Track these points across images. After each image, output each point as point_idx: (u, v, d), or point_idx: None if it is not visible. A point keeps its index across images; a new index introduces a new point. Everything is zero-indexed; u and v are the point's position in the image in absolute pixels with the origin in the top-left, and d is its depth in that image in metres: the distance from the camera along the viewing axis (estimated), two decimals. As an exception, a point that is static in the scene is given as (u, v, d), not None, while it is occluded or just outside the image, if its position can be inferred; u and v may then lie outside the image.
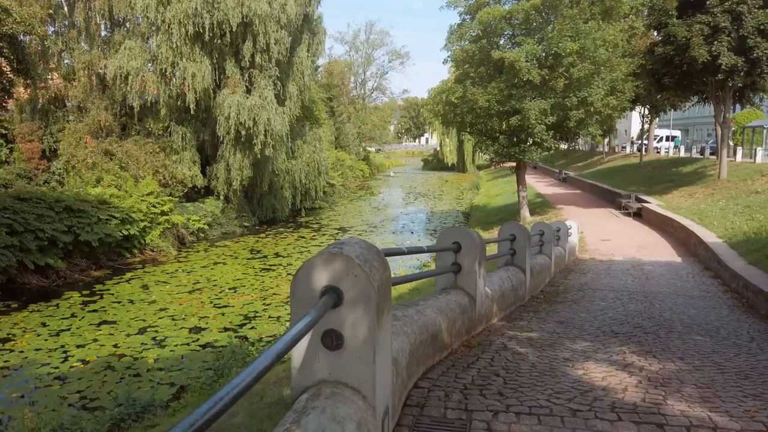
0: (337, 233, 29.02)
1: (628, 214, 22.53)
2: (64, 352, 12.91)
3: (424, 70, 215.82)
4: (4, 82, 14.10)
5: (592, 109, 20.36)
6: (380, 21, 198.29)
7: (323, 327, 2.55)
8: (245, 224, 29.33)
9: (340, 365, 2.56)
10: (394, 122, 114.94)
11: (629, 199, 23.55)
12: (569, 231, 13.39)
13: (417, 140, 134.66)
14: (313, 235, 28.19)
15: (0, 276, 16.51)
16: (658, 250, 15.47)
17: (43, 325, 14.72)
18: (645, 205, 21.95)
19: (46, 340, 13.65)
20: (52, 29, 26.29)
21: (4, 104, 15.63)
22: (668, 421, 3.14)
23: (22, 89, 19.16)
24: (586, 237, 17.33)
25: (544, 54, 19.93)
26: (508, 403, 3.31)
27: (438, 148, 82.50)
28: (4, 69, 13.92)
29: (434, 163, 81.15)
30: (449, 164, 74.02)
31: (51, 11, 24.66)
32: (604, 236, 17.83)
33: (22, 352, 12.90)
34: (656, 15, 23.06)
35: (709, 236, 14.04)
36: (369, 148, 71.02)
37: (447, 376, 3.74)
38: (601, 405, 3.36)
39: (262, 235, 28.02)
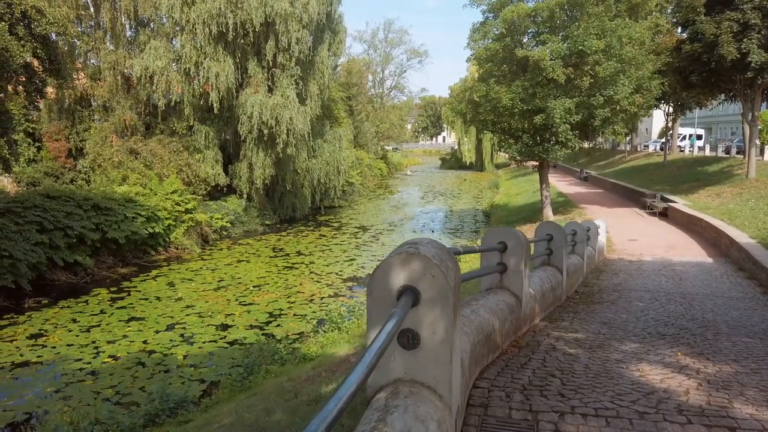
0: (358, 232, 29.07)
1: (654, 214, 22.23)
2: (96, 347, 13.12)
3: (440, 68, 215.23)
4: (37, 81, 14.33)
5: (618, 108, 20.12)
6: (398, 19, 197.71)
7: (399, 326, 2.55)
8: (266, 222, 29.53)
9: (416, 364, 2.56)
10: (411, 121, 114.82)
11: (654, 199, 23.24)
12: (597, 231, 13.26)
13: (434, 139, 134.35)
14: (334, 234, 28.27)
15: (30, 272, 16.79)
16: (687, 250, 15.25)
17: (74, 321, 14.98)
18: (671, 204, 21.64)
19: (77, 335, 13.88)
20: (79, 29, 26.67)
21: (36, 104, 15.86)
22: (740, 425, 3.09)
23: (50, 89, 19.46)
24: (612, 237, 17.14)
25: (568, 52, 19.72)
26: (571, 405, 3.28)
27: (456, 147, 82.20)
28: (37, 69, 14.14)
29: (452, 161, 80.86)
30: (467, 163, 73.69)
31: (78, 12, 25.04)
32: (631, 236, 17.61)
33: (54, 347, 13.13)
34: (683, 12, 22.69)
35: (741, 237, 13.80)
36: (386, 147, 71.02)
37: (503, 377, 3.73)
38: (667, 407, 3.32)
39: (283, 233, 28.17)
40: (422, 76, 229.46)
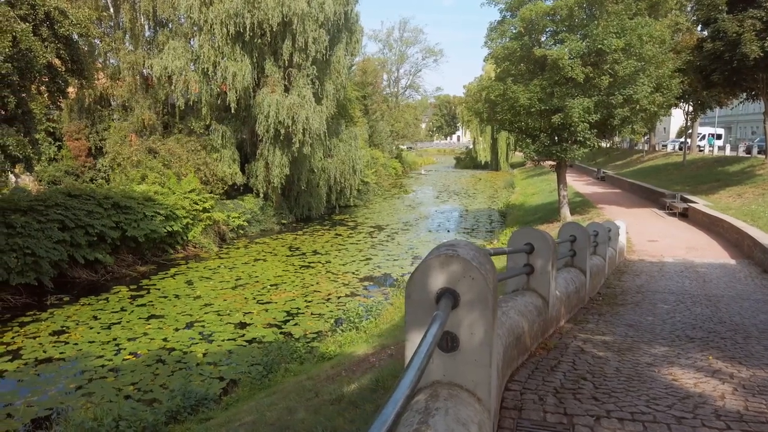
0: (373, 231, 29.10)
1: (673, 214, 21.95)
2: (117, 345, 13.27)
3: (455, 67, 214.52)
4: (60, 82, 14.53)
5: (637, 107, 19.90)
6: (413, 18, 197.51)
7: (438, 329, 2.54)
8: (283, 222, 29.67)
9: (454, 367, 2.55)
10: (425, 120, 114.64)
11: (674, 199, 22.95)
12: (618, 231, 13.13)
13: (448, 138, 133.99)
14: (350, 233, 28.32)
15: (52, 270, 17.05)
16: (708, 251, 15.03)
17: (95, 318, 15.17)
18: (691, 205, 21.35)
19: (98, 333, 14.06)
20: (99, 30, 27.00)
21: (58, 103, 16.09)
22: (781, 432, 3.04)
23: (71, 89, 19.71)
24: (631, 237, 16.96)
25: (587, 51, 19.54)
26: (606, 408, 3.25)
27: (471, 146, 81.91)
28: (59, 69, 14.33)
29: (467, 161, 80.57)
30: (482, 162, 73.38)
31: (99, 13, 25.34)
32: (651, 237, 17.41)
33: (76, 344, 13.31)
34: (705, 10, 22.38)
35: (764, 238, 13.57)
36: (401, 146, 70.99)
37: (534, 379, 3.70)
38: (704, 412, 3.28)
39: (299, 232, 28.28)
40: (437, 75, 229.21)
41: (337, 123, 33.41)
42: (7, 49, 12.11)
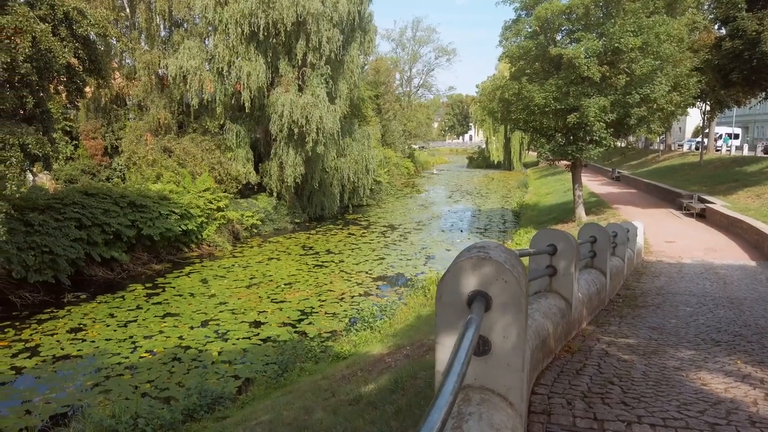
0: (386, 231, 29.08)
1: (691, 215, 21.69)
2: (133, 342, 13.37)
3: (468, 66, 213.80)
4: (78, 81, 14.65)
5: (654, 106, 19.68)
6: (426, 18, 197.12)
7: (469, 332, 2.50)
8: (296, 221, 29.74)
9: (486, 371, 2.51)
10: (438, 119, 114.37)
11: (691, 200, 22.67)
12: (636, 232, 12.98)
13: (461, 137, 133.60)
14: (363, 233, 28.31)
15: (69, 268, 17.21)
16: (728, 252, 14.82)
17: (111, 316, 15.30)
18: (709, 205, 21.07)
19: (114, 330, 14.18)
20: (116, 30, 27.25)
21: (76, 103, 16.23)
22: (818, 440, 2.97)
23: (88, 88, 19.88)
24: (648, 238, 16.76)
25: (603, 49, 19.34)
26: (637, 414, 3.19)
27: (483, 146, 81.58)
28: (77, 69, 14.45)
29: (479, 160, 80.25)
30: (495, 162, 73.05)
31: (117, 13, 25.57)
32: (668, 237, 17.21)
33: (93, 341, 13.43)
34: (723, 8, 22.07)
35: (786, 240, 13.36)
36: (413, 146, 70.87)
37: (560, 383, 3.65)
38: (738, 419, 3.20)
39: (312, 231, 28.33)
40: (450, 74, 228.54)
41: (351, 122, 33.41)
42: (26, 50, 12.23)
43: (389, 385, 6.18)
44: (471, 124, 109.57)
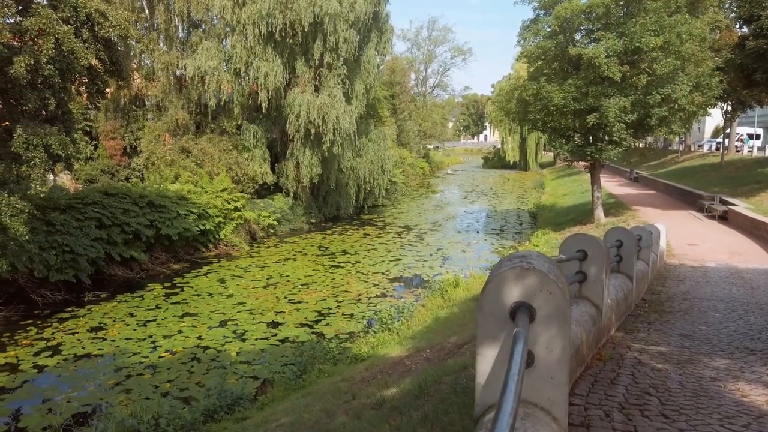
0: (402, 231, 29.02)
1: (712, 217, 21.34)
2: (153, 342, 13.47)
3: (483, 66, 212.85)
4: (99, 83, 14.79)
5: (676, 107, 19.39)
6: (442, 17, 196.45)
7: (511, 344, 2.44)
8: (312, 221, 29.80)
9: (529, 384, 2.44)
10: (452, 119, 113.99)
11: (713, 201, 22.30)
12: (659, 235, 12.78)
13: (476, 137, 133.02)
14: (379, 233, 28.28)
15: (90, 267, 17.39)
16: (753, 256, 14.54)
17: (131, 315, 15.42)
18: (731, 207, 20.71)
19: (134, 330, 14.29)
20: (137, 31, 27.52)
21: (97, 104, 16.39)
22: None
23: (108, 89, 20.08)
24: (670, 240, 16.50)
25: (624, 49, 19.10)
26: (679, 427, 3.10)
27: (499, 146, 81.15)
28: (99, 70, 14.57)
29: (495, 160, 79.83)
30: (511, 162, 72.60)
31: (138, 15, 25.82)
32: (690, 240, 16.93)
33: (113, 340, 13.55)
34: (747, 7, 21.67)
35: (813, 243, 13.07)
36: (428, 146, 70.70)
37: (596, 393, 3.57)
38: (784, 434, 3.11)
39: (328, 231, 28.35)
40: (465, 74, 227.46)
41: (367, 123, 33.40)
42: (49, 51, 12.36)
43: (413, 390, 6.12)
44: (486, 124, 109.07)
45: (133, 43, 23.22)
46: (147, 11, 27.63)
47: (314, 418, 7.56)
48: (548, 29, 21.01)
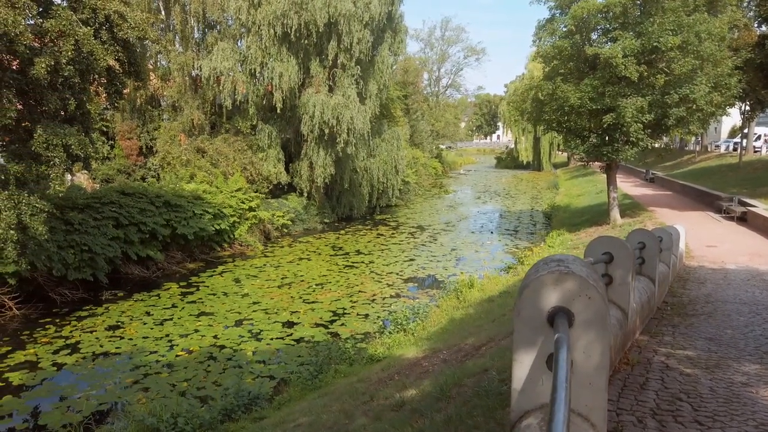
0: (415, 231, 28.98)
1: (731, 218, 21.06)
2: (169, 341, 13.55)
3: (495, 65, 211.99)
4: (117, 84, 14.92)
5: (694, 107, 19.16)
6: (455, 17, 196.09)
7: (548, 350, 2.41)
8: (325, 221, 29.87)
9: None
10: (465, 119, 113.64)
11: (731, 202, 22.01)
12: (679, 237, 12.63)
13: (488, 137, 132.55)
14: (392, 233, 28.26)
15: (107, 266, 17.56)
16: (773, 258, 14.31)
17: (148, 314, 15.54)
18: (750, 209, 20.42)
19: (151, 328, 14.39)
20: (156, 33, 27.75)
21: (116, 105, 16.54)
22: None
23: (125, 90, 20.26)
24: (688, 242, 16.30)
25: (641, 49, 18.91)
26: (714, 435, 3.06)
27: (512, 146, 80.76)
28: (117, 71, 14.70)
29: (508, 160, 79.49)
30: (524, 162, 72.24)
31: (156, 16, 26.03)
32: (709, 242, 16.72)
33: (131, 339, 13.66)
34: (766, 6, 21.35)
35: (837, 246, 12.83)
36: (441, 146, 70.55)
37: (626, 398, 3.53)
38: (823, 443, 3.05)
39: (342, 231, 28.39)
40: (479, 73, 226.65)
41: (380, 123, 33.40)
42: (69, 53, 12.49)
43: (433, 392, 6.10)
44: (499, 123, 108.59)
45: (150, 44, 23.45)
46: (163, 12, 27.85)
47: (333, 418, 7.55)
48: (564, 29, 20.86)
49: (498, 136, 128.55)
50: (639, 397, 3.60)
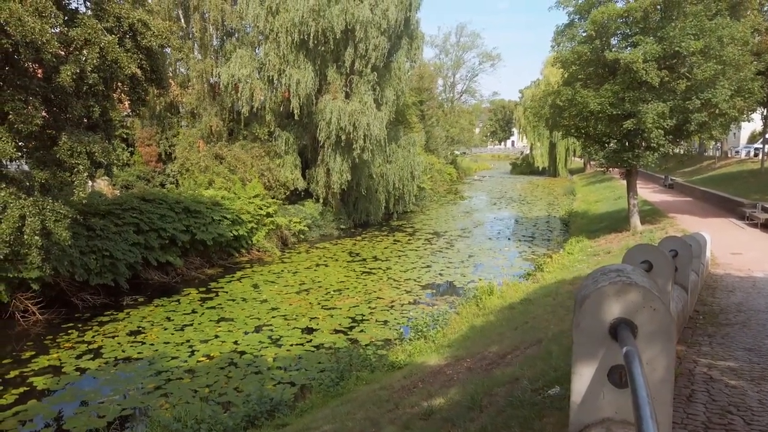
0: (432, 238, 28.89)
1: (755, 225, 20.70)
2: (190, 346, 13.59)
3: (510, 70, 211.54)
4: (140, 91, 15.08)
5: (716, 111, 18.90)
6: (470, 23, 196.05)
7: (610, 362, 2.34)
8: (342, 227, 29.88)
9: (630, 405, 2.34)
10: (479, 125, 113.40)
11: (755, 209, 21.64)
12: (705, 244, 12.43)
13: (503, 143, 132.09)
14: (408, 239, 28.20)
15: (128, 271, 17.70)
16: (802, 266, 14.02)
17: (168, 319, 15.62)
18: (775, 215, 20.09)
19: (172, 334, 14.46)
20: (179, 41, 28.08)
21: (138, 112, 16.72)
22: None
23: (148, 97, 20.48)
24: (712, 249, 16.05)
25: (663, 54, 18.72)
26: (773, 451, 2.97)
27: (527, 152, 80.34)
28: (140, 79, 14.85)
29: (523, 166, 79.06)
30: (539, 168, 71.78)
31: (178, 25, 26.35)
32: (733, 249, 16.43)
33: (152, 344, 13.72)
34: (790, 8, 21.03)
35: None
36: (456, 152, 70.42)
37: (675, 411, 3.43)
38: None
39: (358, 237, 28.39)
40: (494, 79, 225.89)
41: (396, 129, 33.41)
42: (94, 61, 12.65)
43: (464, 401, 6.02)
44: (513, 129, 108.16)
45: (170, 52, 23.69)
46: (183, 20, 28.15)
47: (358, 426, 7.49)
48: (584, 34, 20.71)
49: (513, 142, 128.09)
50: (688, 410, 3.51)
